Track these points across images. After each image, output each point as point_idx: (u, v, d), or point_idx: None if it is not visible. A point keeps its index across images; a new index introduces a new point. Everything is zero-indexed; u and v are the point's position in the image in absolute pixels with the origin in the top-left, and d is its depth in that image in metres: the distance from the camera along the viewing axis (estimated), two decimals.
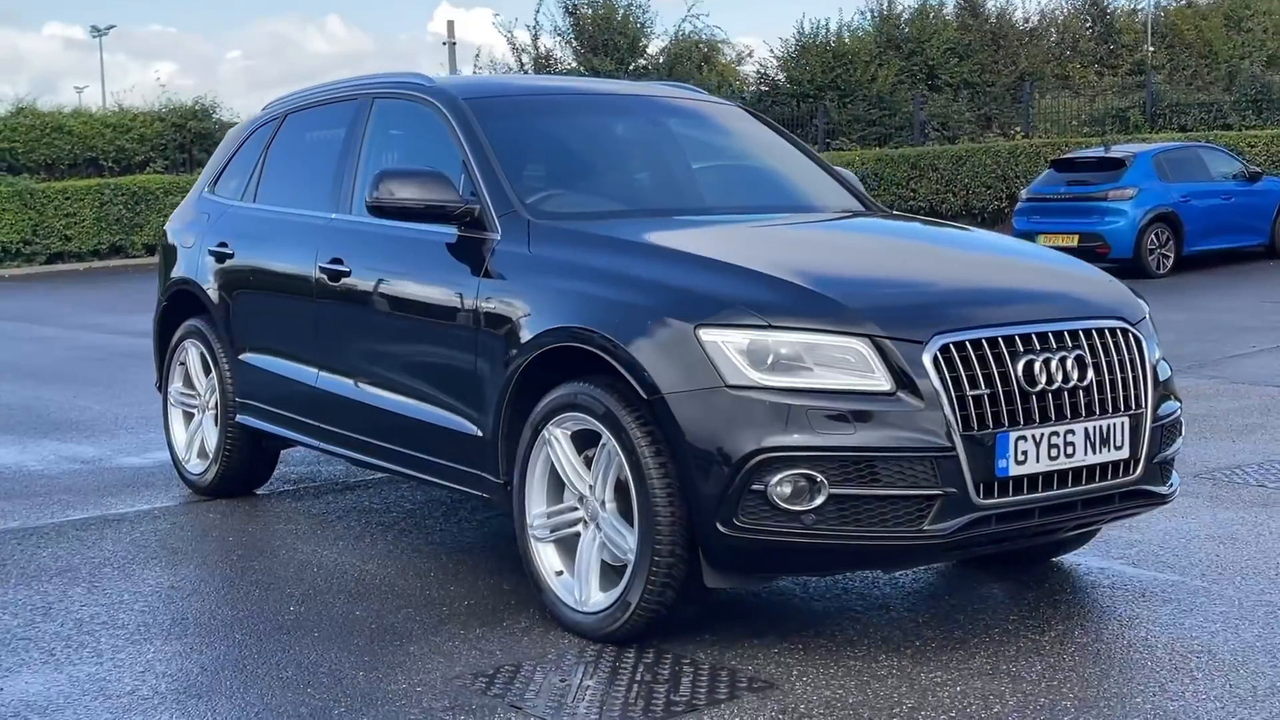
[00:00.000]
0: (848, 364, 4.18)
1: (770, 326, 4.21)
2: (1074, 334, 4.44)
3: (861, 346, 4.18)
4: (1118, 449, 4.47)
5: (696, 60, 40.60)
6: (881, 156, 28.60)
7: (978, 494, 4.20)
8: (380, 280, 5.54)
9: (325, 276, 5.79)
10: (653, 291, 4.45)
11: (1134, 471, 4.54)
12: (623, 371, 4.36)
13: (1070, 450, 4.35)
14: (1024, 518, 4.33)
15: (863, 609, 4.92)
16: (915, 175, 27.49)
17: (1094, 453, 4.41)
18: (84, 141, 32.45)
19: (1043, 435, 4.29)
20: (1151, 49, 46.67)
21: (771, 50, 50.86)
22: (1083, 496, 4.44)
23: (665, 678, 4.22)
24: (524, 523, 4.77)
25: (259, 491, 6.95)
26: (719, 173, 5.96)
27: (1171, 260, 18.88)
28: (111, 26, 69.60)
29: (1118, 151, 19.64)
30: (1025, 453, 4.26)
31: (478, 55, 49.90)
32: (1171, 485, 4.77)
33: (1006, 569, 5.40)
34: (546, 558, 4.73)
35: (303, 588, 5.26)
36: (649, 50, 40.13)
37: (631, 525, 4.39)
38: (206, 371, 6.77)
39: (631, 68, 39.13)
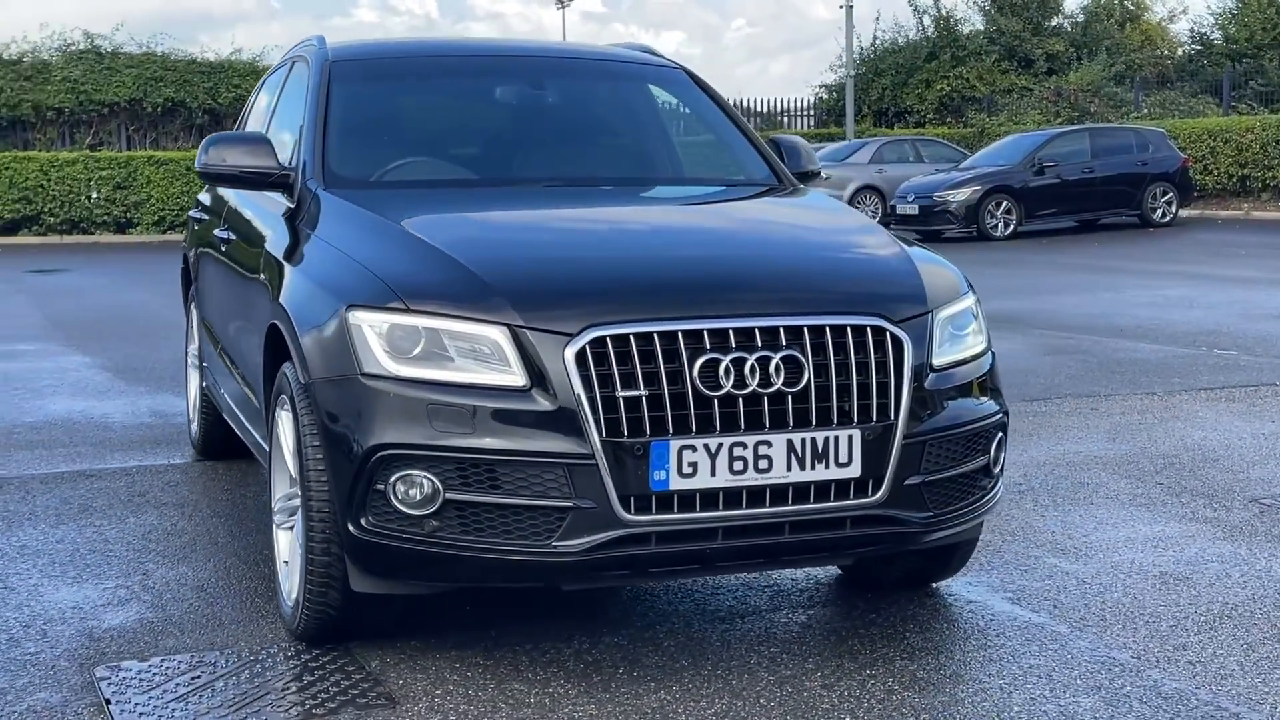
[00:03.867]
0: (484, 355, 3.74)
1: (409, 310, 3.81)
2: (794, 330, 3.80)
3: (498, 336, 3.72)
4: (843, 466, 3.80)
5: (1118, 18, 38.24)
6: None
7: (626, 509, 3.67)
8: (236, 252, 5.44)
9: (222, 246, 5.75)
10: (341, 269, 4.12)
11: (873, 494, 3.86)
12: (292, 354, 4.08)
13: (764, 464, 3.73)
14: (700, 539, 3.76)
15: (644, 624, 4.41)
16: None
17: (804, 469, 3.77)
18: None
19: (721, 446, 3.69)
20: None
21: (1208, 6, 47.22)
22: (791, 519, 3.81)
23: (290, 686, 3.91)
24: (271, 506, 4.57)
25: None
26: (591, 141, 5.47)
27: None
28: None
29: None
30: (694, 465, 3.68)
31: (878, 17, 48.91)
32: (943, 514, 4.02)
33: (878, 592, 4.74)
34: (281, 545, 4.50)
35: (128, 554, 5.25)
36: (1065, 8, 38.05)
37: None
38: None
39: (1043, 28, 37.28)
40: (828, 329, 3.83)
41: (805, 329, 3.81)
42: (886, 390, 3.86)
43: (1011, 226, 23.36)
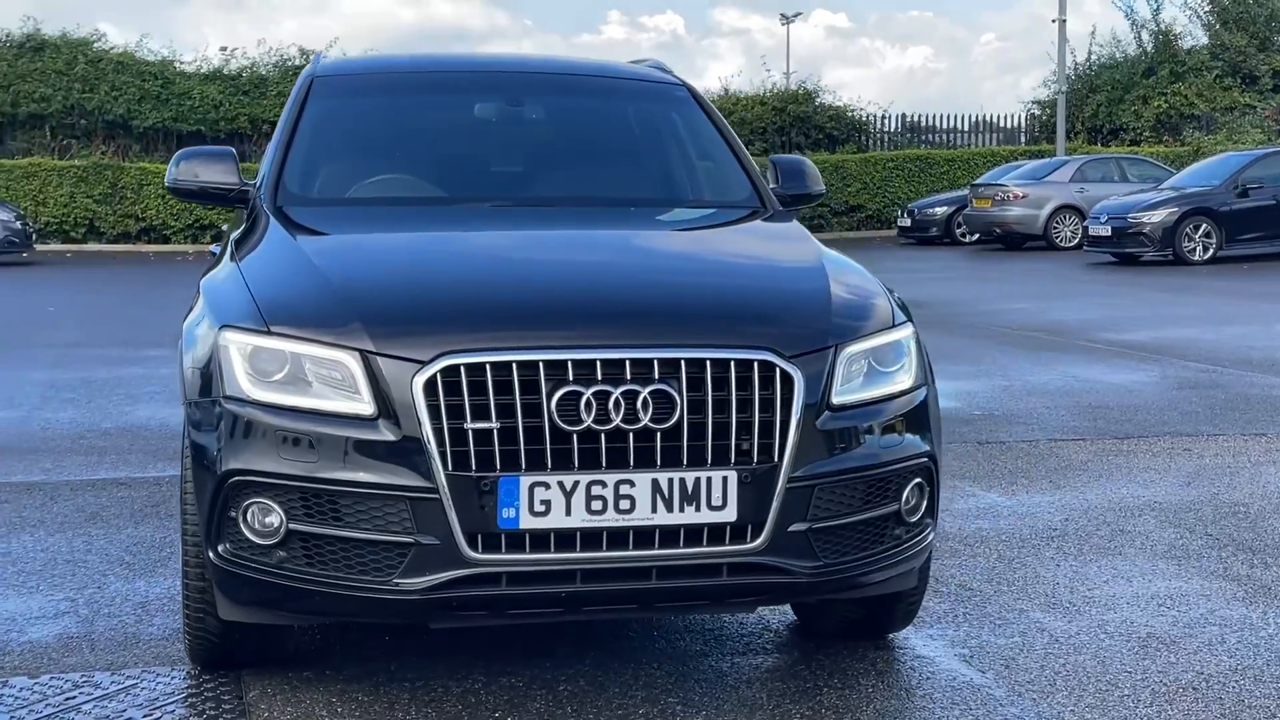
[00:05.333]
0: (337, 382, 3.60)
1: (269, 332, 3.70)
2: (669, 363, 3.55)
3: (350, 361, 3.57)
4: (716, 509, 3.55)
5: None
6: None
7: (473, 548, 3.49)
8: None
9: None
10: (233, 290, 4.01)
11: (752, 540, 3.60)
12: (180, 373, 4.02)
13: (626, 505, 3.51)
14: (556, 581, 3.55)
15: (555, 664, 4.21)
16: None
17: (670, 511, 3.53)
18: None
19: (578, 484, 3.48)
20: None
21: None
22: (658, 564, 3.57)
23: (153, 713, 3.85)
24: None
25: None
26: (562, 159, 5.27)
27: None
28: (798, 14, 71.10)
29: None
30: (547, 503, 3.48)
31: (1093, 32, 47.17)
32: (838, 565, 3.71)
33: (821, 642, 4.47)
34: None
35: (100, 565, 5.27)
36: None
37: None
38: None
39: (1271, 44, 35.50)
40: (708, 362, 3.58)
41: (682, 362, 3.57)
42: (770, 429, 3.59)
43: (1210, 250, 22.25)
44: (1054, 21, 34.84)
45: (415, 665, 4.20)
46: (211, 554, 3.71)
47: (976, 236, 28.84)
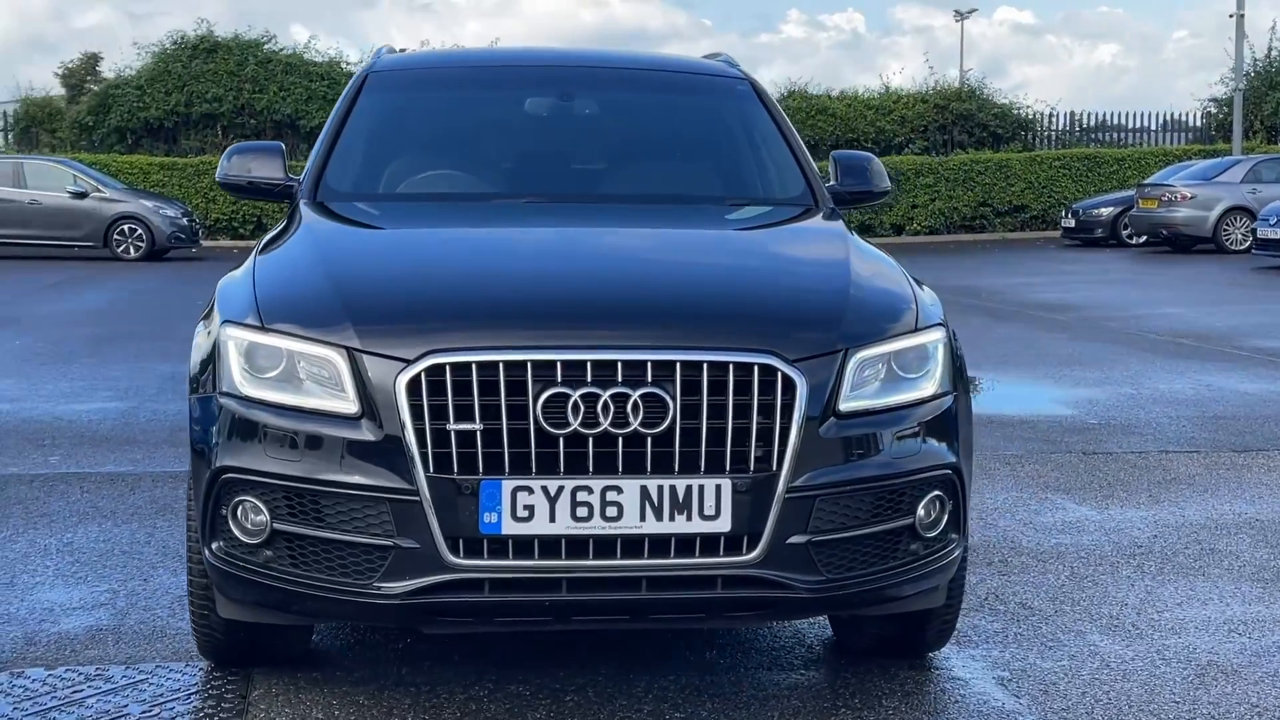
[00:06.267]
0: (324, 379, 3.53)
1: (265, 329, 3.64)
2: (664, 365, 3.40)
3: (336, 358, 3.49)
4: (709, 519, 3.40)
5: None
6: None
7: (454, 553, 3.39)
8: None
9: None
10: (243, 285, 3.96)
11: (747, 552, 3.44)
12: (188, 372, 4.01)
13: (614, 512, 3.37)
14: (541, 589, 3.43)
15: (572, 670, 4.11)
16: None
17: (660, 520, 3.39)
18: (845, 123, 33.49)
19: (562, 489, 3.36)
20: None
21: None
22: (648, 574, 3.43)
23: (151, 710, 3.83)
24: None
25: None
26: (610, 154, 5.13)
27: None
28: (973, 10, 69.77)
29: None
30: (530, 508, 3.36)
31: (1274, 26, 45.07)
32: (844, 580, 3.52)
33: (853, 659, 4.29)
34: None
35: (153, 557, 5.30)
36: None
37: None
38: None
39: None
40: (705, 365, 3.42)
41: (677, 364, 3.42)
42: (769, 436, 3.42)
43: None
44: (1231, 17, 33.59)
45: (426, 670, 4.12)
46: (206, 551, 3.67)
47: (1144, 239, 27.95)
